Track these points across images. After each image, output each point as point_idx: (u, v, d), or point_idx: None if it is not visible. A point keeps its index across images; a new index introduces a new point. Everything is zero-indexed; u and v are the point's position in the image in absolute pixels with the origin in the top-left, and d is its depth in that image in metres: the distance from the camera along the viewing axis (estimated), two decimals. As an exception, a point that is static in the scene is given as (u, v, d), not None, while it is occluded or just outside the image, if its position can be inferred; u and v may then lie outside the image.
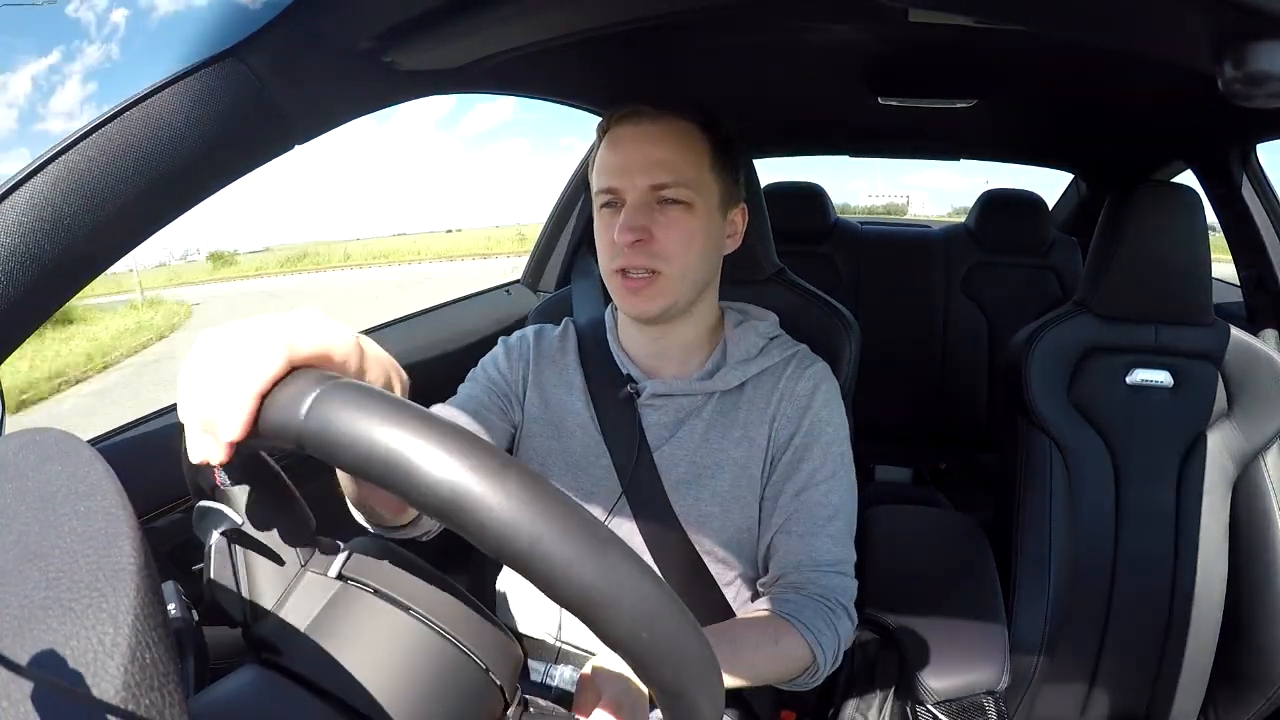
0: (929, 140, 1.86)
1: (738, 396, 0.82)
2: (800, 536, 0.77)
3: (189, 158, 0.55)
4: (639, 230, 0.74)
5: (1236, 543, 1.11)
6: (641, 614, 0.31)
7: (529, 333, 0.91)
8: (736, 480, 0.80)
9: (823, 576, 0.76)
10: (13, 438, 0.33)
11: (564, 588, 0.30)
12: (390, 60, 0.68)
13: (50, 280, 0.50)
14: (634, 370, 0.84)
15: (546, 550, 0.29)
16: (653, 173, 0.75)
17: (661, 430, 0.82)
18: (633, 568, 0.31)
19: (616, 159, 0.78)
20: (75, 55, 39.15)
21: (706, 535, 0.80)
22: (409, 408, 0.31)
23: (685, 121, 0.78)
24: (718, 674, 0.35)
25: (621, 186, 0.76)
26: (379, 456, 0.30)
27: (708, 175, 0.78)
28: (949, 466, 2.10)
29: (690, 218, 0.76)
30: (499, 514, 0.29)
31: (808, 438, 0.80)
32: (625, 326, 0.87)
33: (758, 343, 0.84)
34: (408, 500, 0.30)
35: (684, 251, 0.76)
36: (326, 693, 0.38)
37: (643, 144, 0.77)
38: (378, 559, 0.43)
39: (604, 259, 0.79)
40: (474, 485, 0.29)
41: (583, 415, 0.84)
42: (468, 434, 0.31)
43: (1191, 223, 1.09)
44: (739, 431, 0.81)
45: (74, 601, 0.24)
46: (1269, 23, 0.38)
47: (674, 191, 0.76)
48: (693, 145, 0.77)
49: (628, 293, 0.77)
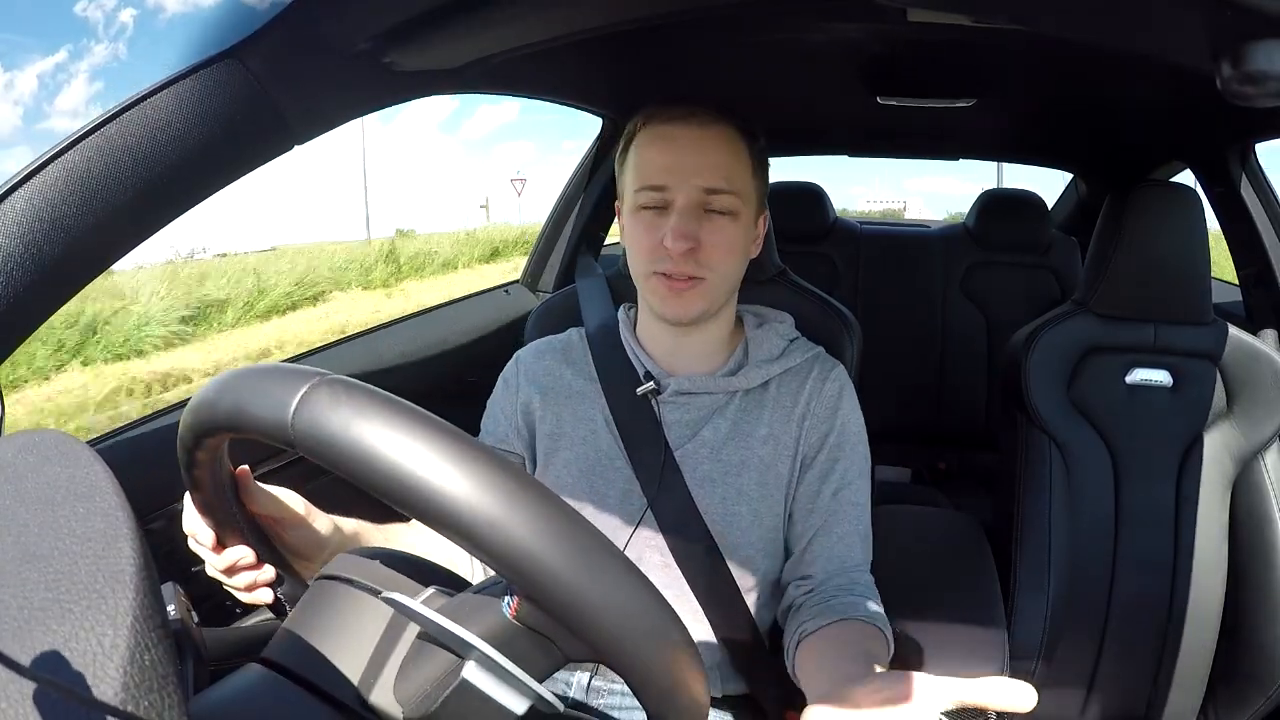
0: (929, 140, 1.86)
1: (762, 395, 0.81)
2: (841, 537, 0.78)
3: (188, 158, 0.55)
4: (690, 239, 0.73)
5: (1236, 542, 1.11)
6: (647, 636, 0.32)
7: (522, 356, 0.89)
8: (763, 479, 0.79)
9: (862, 575, 0.77)
10: (12, 439, 0.33)
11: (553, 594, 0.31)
12: (389, 61, 0.68)
13: (50, 280, 0.50)
14: (653, 368, 0.83)
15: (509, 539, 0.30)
16: (706, 176, 0.74)
17: (683, 429, 0.81)
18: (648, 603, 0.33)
19: (666, 158, 0.75)
20: (83, 54, 39.15)
21: (734, 536, 0.79)
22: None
23: (732, 127, 0.76)
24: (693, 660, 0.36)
25: (672, 184, 0.74)
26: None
27: (750, 183, 0.77)
28: (948, 466, 2.10)
29: (734, 227, 0.76)
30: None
31: (840, 438, 0.80)
32: (647, 325, 0.85)
33: (780, 344, 0.84)
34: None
35: (726, 260, 0.76)
36: (319, 689, 0.38)
37: (695, 146, 0.75)
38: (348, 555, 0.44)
39: (643, 261, 0.77)
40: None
41: (597, 420, 0.82)
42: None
43: (1190, 222, 1.09)
44: (764, 430, 0.80)
45: (73, 603, 0.24)
46: (1267, 22, 0.38)
47: (723, 200, 0.74)
48: (740, 152, 0.76)
49: (670, 294, 0.76)
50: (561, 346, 0.88)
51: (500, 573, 0.32)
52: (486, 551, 0.30)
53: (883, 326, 1.85)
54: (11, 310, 0.48)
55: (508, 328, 1.50)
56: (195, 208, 0.59)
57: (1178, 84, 1.01)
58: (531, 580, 0.31)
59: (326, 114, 0.68)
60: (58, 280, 0.51)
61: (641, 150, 0.77)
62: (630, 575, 0.33)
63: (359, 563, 0.44)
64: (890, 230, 2.28)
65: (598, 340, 0.87)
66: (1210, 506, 1.12)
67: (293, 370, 0.34)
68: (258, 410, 0.34)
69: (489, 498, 0.30)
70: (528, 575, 0.30)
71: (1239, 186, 1.29)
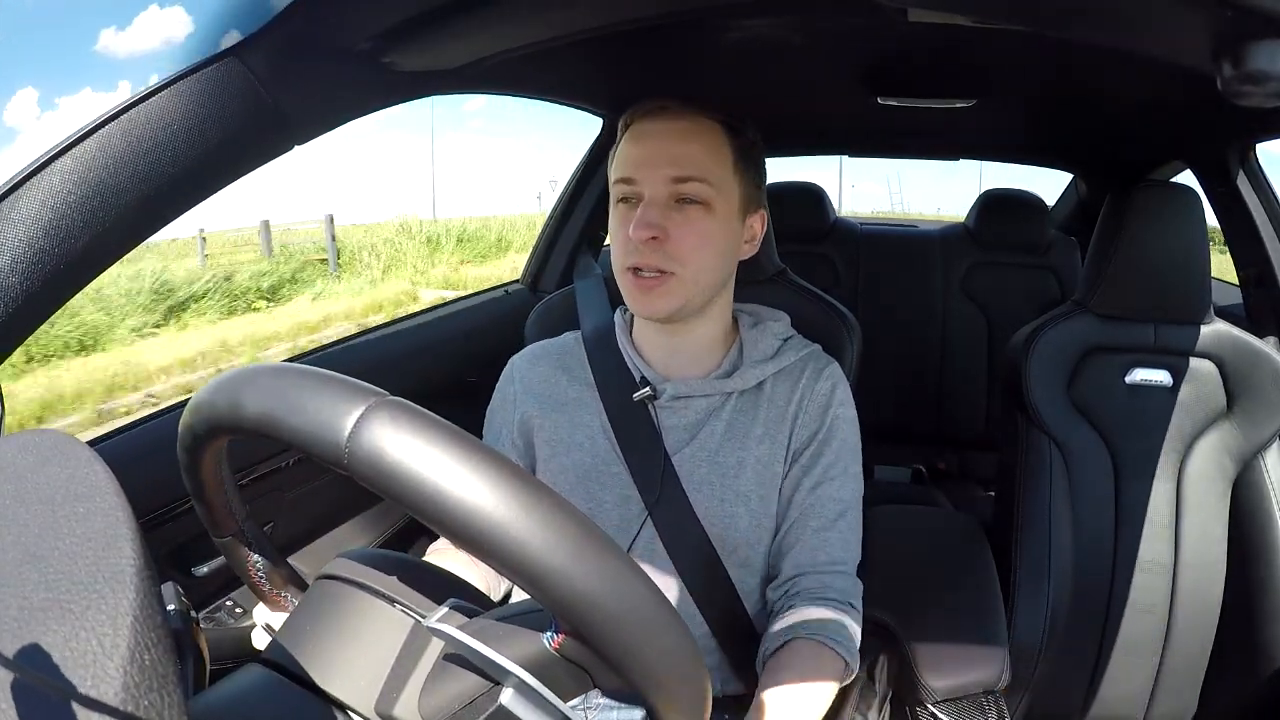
0: (929, 140, 1.86)
1: (757, 396, 0.81)
2: (815, 532, 0.77)
3: (188, 158, 0.55)
4: (655, 228, 0.73)
5: (1236, 542, 1.11)
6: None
7: (517, 364, 0.89)
8: (760, 478, 0.79)
9: (834, 579, 0.76)
10: (12, 439, 0.33)
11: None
12: (389, 60, 0.68)
13: (50, 280, 0.50)
14: (649, 373, 0.82)
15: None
16: (674, 166, 0.74)
17: (681, 433, 0.81)
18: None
19: (638, 151, 0.76)
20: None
21: (733, 538, 0.79)
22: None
23: (710, 120, 0.77)
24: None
25: (640, 178, 0.75)
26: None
27: (729, 176, 0.77)
28: (948, 466, 2.10)
29: (708, 219, 0.75)
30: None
31: (827, 434, 0.80)
32: (641, 327, 0.85)
33: (774, 343, 0.84)
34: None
35: (698, 254, 0.75)
36: (319, 689, 0.38)
37: (667, 139, 0.75)
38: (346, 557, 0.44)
39: (617, 255, 0.78)
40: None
41: (593, 425, 0.82)
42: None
43: (1190, 222, 1.09)
44: (760, 430, 0.80)
45: (73, 602, 0.24)
46: (1267, 22, 0.38)
47: (694, 189, 0.74)
48: (716, 144, 0.76)
49: (638, 292, 0.76)
50: (557, 352, 0.88)
51: (559, 617, 0.34)
52: (549, 598, 0.31)
53: (883, 326, 1.85)
54: (12, 310, 0.48)
55: (508, 328, 1.50)
56: (198, 206, 0.59)
57: (1178, 84, 1.01)
58: (591, 629, 0.32)
59: (326, 114, 0.68)
60: (58, 280, 0.51)
61: (621, 149, 0.78)
62: (676, 626, 0.35)
63: (359, 564, 0.44)
64: (891, 230, 2.28)
65: (594, 345, 0.87)
66: (1210, 506, 1.12)
67: (350, 385, 0.33)
68: (303, 423, 0.32)
69: (559, 550, 0.31)
70: (589, 625, 0.32)
71: (1239, 187, 1.29)
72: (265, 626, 0.55)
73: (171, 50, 0.57)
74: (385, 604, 0.41)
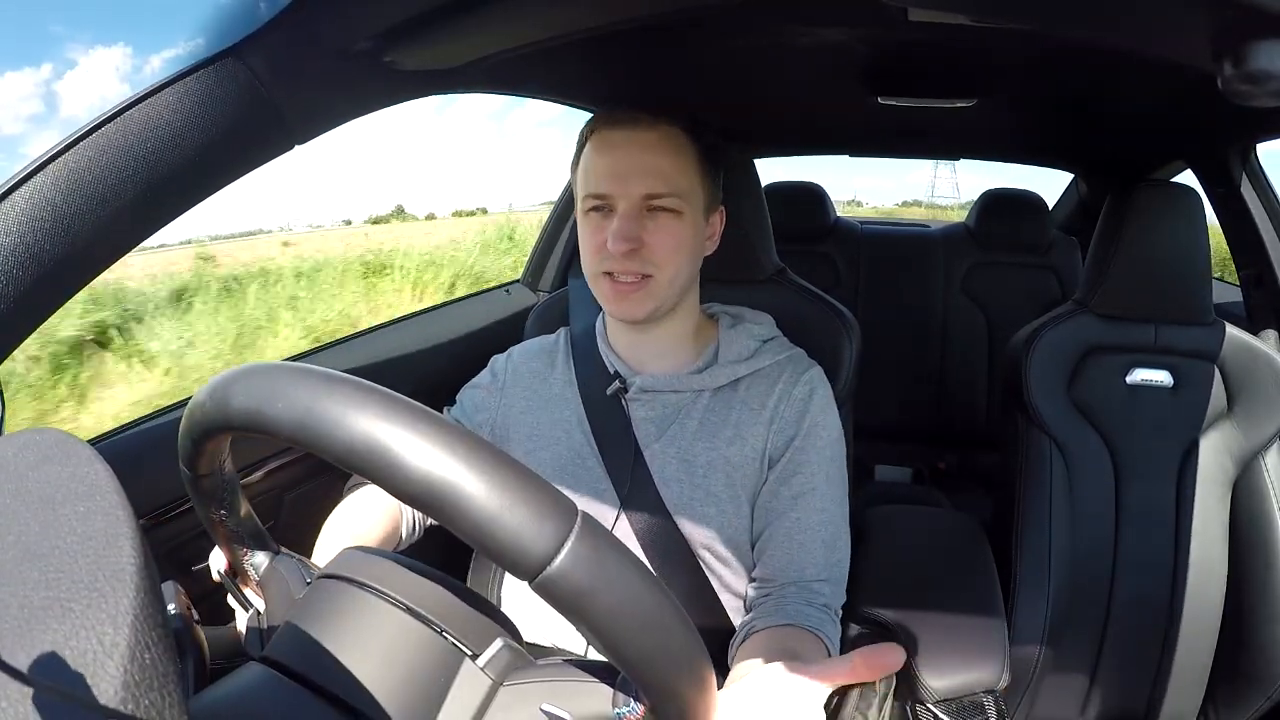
0: (929, 140, 1.86)
1: (730, 396, 0.82)
2: (801, 544, 0.77)
3: (189, 158, 0.55)
4: (633, 240, 0.75)
5: (1236, 542, 1.11)
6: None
7: (515, 354, 0.91)
8: (730, 480, 0.79)
9: (822, 591, 0.76)
10: (12, 438, 0.33)
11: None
12: (390, 60, 0.68)
13: (50, 280, 0.50)
14: (621, 367, 0.85)
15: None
16: (647, 181, 0.75)
17: (650, 426, 0.82)
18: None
19: (608, 164, 0.77)
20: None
21: (705, 537, 0.79)
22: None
23: (675, 128, 0.78)
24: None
25: (614, 193, 0.76)
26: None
27: (696, 182, 0.78)
28: (949, 466, 2.10)
29: (679, 224, 0.77)
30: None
31: (805, 441, 0.80)
32: (612, 326, 0.87)
33: (751, 345, 0.84)
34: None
35: (674, 257, 0.77)
36: (319, 688, 0.38)
37: (636, 151, 0.76)
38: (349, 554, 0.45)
39: (590, 261, 0.79)
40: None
41: (571, 420, 0.84)
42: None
43: (1191, 222, 1.09)
44: (731, 431, 0.80)
45: (73, 602, 0.24)
46: (1269, 22, 0.38)
47: (666, 201, 0.76)
48: (683, 153, 0.78)
49: (616, 296, 0.78)
50: (549, 349, 0.91)
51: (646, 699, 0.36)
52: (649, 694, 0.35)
53: (883, 326, 1.85)
54: (12, 310, 0.48)
55: (508, 327, 1.50)
56: (199, 205, 0.59)
57: (1179, 84, 1.01)
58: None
59: (327, 113, 0.68)
60: (58, 280, 0.51)
61: (587, 157, 0.79)
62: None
63: (361, 562, 0.44)
64: (891, 230, 2.28)
65: (579, 343, 0.89)
66: (1210, 506, 1.12)
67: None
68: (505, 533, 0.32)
69: (686, 672, 0.35)
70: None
71: (1240, 187, 1.29)
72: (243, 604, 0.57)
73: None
74: (400, 610, 0.41)
